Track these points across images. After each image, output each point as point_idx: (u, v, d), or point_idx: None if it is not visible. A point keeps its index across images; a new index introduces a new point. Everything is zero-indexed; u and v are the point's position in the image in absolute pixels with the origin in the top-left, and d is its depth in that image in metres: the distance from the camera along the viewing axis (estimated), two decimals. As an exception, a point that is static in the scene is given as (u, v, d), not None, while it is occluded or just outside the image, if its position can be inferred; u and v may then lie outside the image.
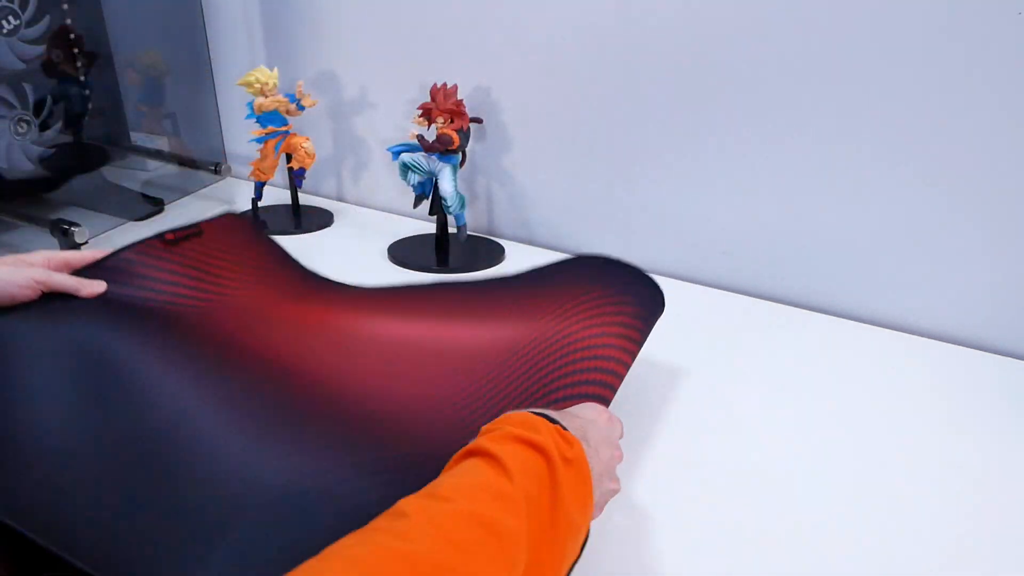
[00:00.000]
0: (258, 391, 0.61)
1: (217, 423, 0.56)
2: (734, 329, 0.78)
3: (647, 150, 0.86)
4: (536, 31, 0.88)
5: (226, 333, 0.71)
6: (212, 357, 0.66)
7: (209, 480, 0.51)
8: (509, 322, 0.68)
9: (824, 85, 0.75)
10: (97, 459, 0.52)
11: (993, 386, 0.69)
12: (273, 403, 0.60)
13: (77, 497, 0.48)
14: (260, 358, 0.67)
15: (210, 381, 0.62)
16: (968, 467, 0.58)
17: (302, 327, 0.73)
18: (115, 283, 0.70)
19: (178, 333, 0.68)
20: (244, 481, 0.50)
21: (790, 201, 0.81)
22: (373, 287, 0.81)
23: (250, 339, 0.71)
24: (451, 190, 0.88)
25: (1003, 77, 0.67)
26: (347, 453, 0.53)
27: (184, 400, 0.59)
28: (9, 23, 0.83)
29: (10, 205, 0.91)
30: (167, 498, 0.49)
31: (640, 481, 0.56)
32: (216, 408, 0.58)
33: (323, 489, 0.49)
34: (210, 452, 0.53)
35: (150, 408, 0.58)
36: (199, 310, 0.74)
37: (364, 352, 0.68)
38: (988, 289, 0.74)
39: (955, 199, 0.73)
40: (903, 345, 0.76)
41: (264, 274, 0.83)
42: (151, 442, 0.54)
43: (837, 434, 0.62)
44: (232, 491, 0.50)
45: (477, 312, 0.71)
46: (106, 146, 1.04)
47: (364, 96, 1.04)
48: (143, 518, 0.47)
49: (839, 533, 0.52)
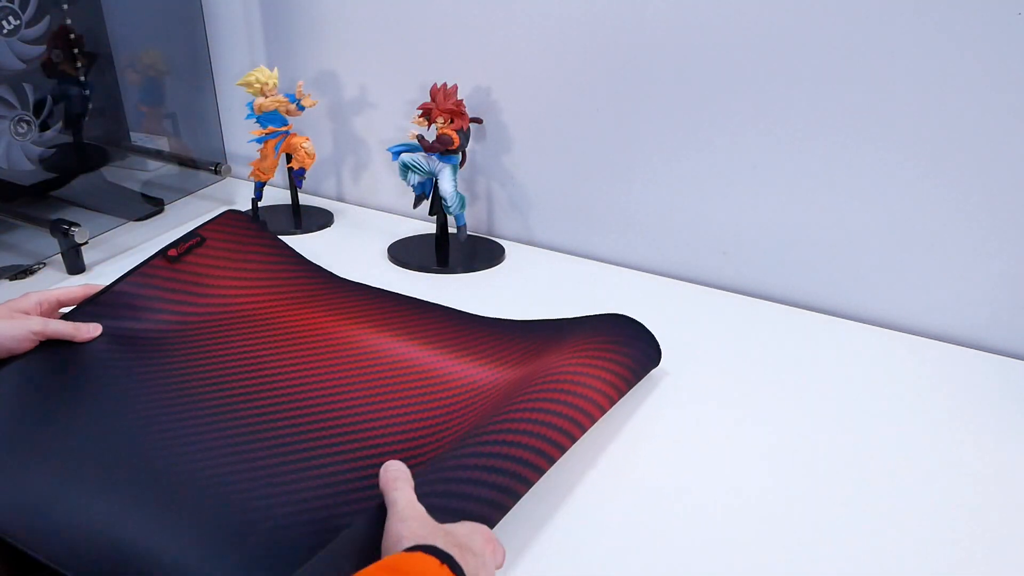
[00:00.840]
0: (264, 409, 0.63)
1: (224, 446, 0.58)
2: (734, 329, 0.78)
3: (647, 150, 0.86)
4: (536, 31, 0.88)
5: (234, 344, 0.71)
6: (218, 374, 0.67)
7: (218, 496, 0.52)
8: (511, 364, 0.68)
9: (824, 85, 0.75)
10: (112, 486, 0.53)
11: (993, 386, 0.69)
12: (279, 424, 0.61)
13: (87, 514, 0.50)
14: (267, 369, 0.68)
15: (215, 401, 0.64)
16: (968, 467, 0.58)
17: (310, 336, 0.74)
18: (116, 317, 0.71)
19: (183, 354, 0.69)
20: (255, 500, 0.52)
21: (790, 201, 0.81)
22: (385, 293, 0.82)
23: (258, 349, 0.71)
24: (451, 190, 0.88)
25: (1004, 77, 0.67)
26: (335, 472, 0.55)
27: (189, 423, 0.61)
28: (9, 23, 0.83)
29: (10, 205, 0.91)
30: (181, 514, 0.51)
31: (637, 480, 0.56)
32: (220, 431, 0.60)
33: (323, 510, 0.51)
34: (217, 476, 0.55)
35: (158, 432, 0.59)
36: (204, 324, 0.74)
37: (370, 368, 0.69)
38: (988, 289, 0.74)
39: (955, 199, 0.73)
40: (903, 345, 0.76)
41: (269, 276, 0.83)
42: (160, 462, 0.56)
43: (837, 434, 0.62)
44: (242, 509, 0.51)
45: (484, 347, 0.71)
46: (106, 146, 1.04)
47: (364, 96, 1.04)
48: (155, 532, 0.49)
49: (839, 533, 0.52)
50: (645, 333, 0.70)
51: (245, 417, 0.61)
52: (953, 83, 0.69)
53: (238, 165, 1.10)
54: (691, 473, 0.58)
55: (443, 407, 0.63)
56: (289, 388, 0.65)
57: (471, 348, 0.71)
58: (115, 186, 1.04)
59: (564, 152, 0.92)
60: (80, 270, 0.87)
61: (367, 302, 0.80)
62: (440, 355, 0.70)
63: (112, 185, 1.04)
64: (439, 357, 0.70)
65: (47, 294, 0.67)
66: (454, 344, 0.72)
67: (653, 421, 0.63)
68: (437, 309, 0.79)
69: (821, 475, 0.57)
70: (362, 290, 0.83)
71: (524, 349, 0.70)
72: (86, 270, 0.88)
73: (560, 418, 0.55)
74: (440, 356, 0.70)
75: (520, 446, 0.52)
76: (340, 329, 0.75)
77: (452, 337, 0.73)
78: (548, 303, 0.80)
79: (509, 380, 0.65)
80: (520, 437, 0.52)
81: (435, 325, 0.75)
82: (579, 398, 0.58)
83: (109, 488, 0.52)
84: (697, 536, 0.52)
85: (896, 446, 0.61)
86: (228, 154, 1.12)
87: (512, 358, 0.69)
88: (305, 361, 0.69)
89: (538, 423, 0.54)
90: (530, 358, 0.68)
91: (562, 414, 0.56)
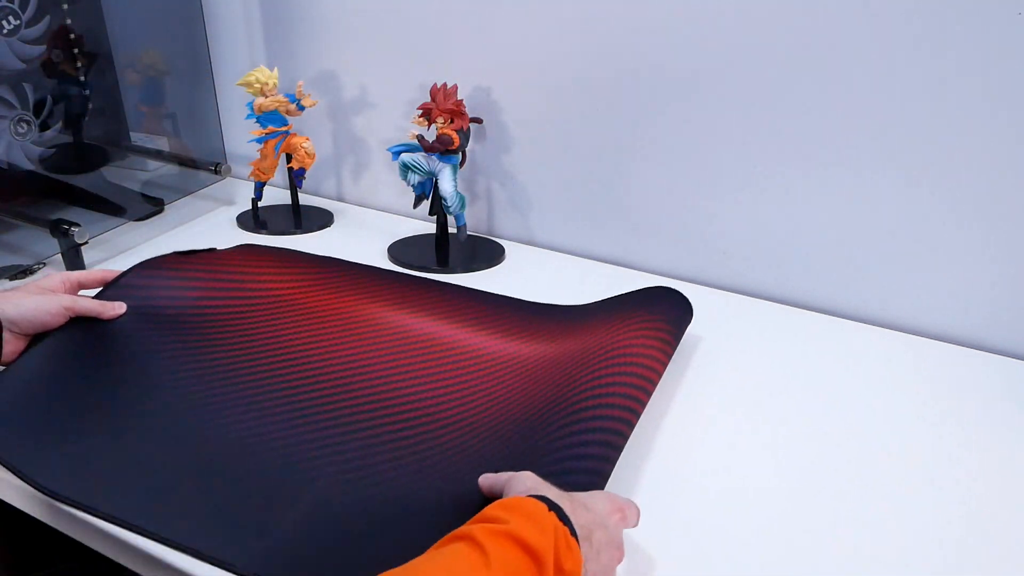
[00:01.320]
0: (293, 381, 0.66)
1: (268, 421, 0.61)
2: (733, 329, 0.78)
3: (647, 150, 0.86)
4: (536, 31, 0.88)
5: (255, 322, 0.74)
6: (242, 347, 0.71)
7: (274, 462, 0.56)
8: (558, 340, 0.72)
9: (825, 85, 0.75)
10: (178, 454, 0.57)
11: (993, 386, 0.69)
12: (309, 393, 0.65)
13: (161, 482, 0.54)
14: (295, 345, 0.71)
15: (245, 371, 0.67)
16: (968, 467, 0.58)
17: (334, 315, 0.77)
18: (142, 298, 0.73)
19: (209, 332, 0.72)
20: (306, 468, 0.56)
21: (790, 201, 0.81)
22: (404, 275, 0.85)
23: (281, 325, 0.74)
24: (451, 190, 0.88)
25: (1004, 77, 0.67)
26: (394, 448, 0.58)
27: (223, 394, 0.64)
28: (9, 23, 0.83)
29: (10, 205, 0.91)
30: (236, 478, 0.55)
31: (642, 482, 0.56)
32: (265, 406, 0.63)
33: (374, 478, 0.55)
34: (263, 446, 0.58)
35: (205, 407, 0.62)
36: (227, 305, 0.76)
37: (395, 343, 0.72)
38: (988, 289, 0.74)
39: (956, 199, 0.73)
40: (903, 345, 0.76)
41: (287, 264, 0.84)
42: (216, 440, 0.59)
43: (837, 434, 0.62)
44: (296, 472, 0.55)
45: (529, 328, 0.75)
46: (106, 146, 1.04)
47: (364, 96, 1.04)
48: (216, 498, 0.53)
49: (839, 533, 0.52)
50: (675, 295, 0.76)
51: (275, 388, 0.65)
52: (953, 83, 0.69)
53: (238, 165, 1.10)
54: (690, 473, 0.58)
55: (464, 376, 0.68)
56: (317, 363, 0.69)
57: (490, 323, 0.75)
58: (115, 186, 1.04)
59: (564, 152, 0.92)
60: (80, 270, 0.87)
61: (392, 286, 0.83)
62: (461, 330, 0.74)
63: (112, 185, 1.03)
64: (460, 331, 0.74)
65: (69, 274, 0.70)
66: (476, 321, 0.76)
67: (652, 422, 0.63)
68: (457, 289, 0.83)
69: (820, 475, 0.57)
70: (386, 275, 0.86)
71: (556, 325, 0.75)
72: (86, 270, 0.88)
73: (632, 388, 0.60)
74: (461, 331, 0.74)
75: (604, 418, 0.56)
76: (364, 309, 0.78)
77: (474, 315, 0.77)
78: (547, 303, 0.80)
79: (539, 355, 0.70)
80: (603, 410, 0.57)
81: (458, 304, 0.79)
82: (642, 368, 0.63)
83: (154, 446, 0.57)
84: (698, 535, 0.51)
85: (896, 446, 0.61)
86: (228, 154, 1.12)
87: (536, 334, 0.73)
88: (332, 338, 0.73)
89: (615, 395, 0.59)
90: (565, 335, 0.72)
91: (632, 384, 0.61)
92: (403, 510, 0.51)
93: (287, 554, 0.47)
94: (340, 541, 0.49)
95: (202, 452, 0.57)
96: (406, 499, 0.52)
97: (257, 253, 0.86)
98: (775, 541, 0.51)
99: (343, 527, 0.50)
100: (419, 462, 0.57)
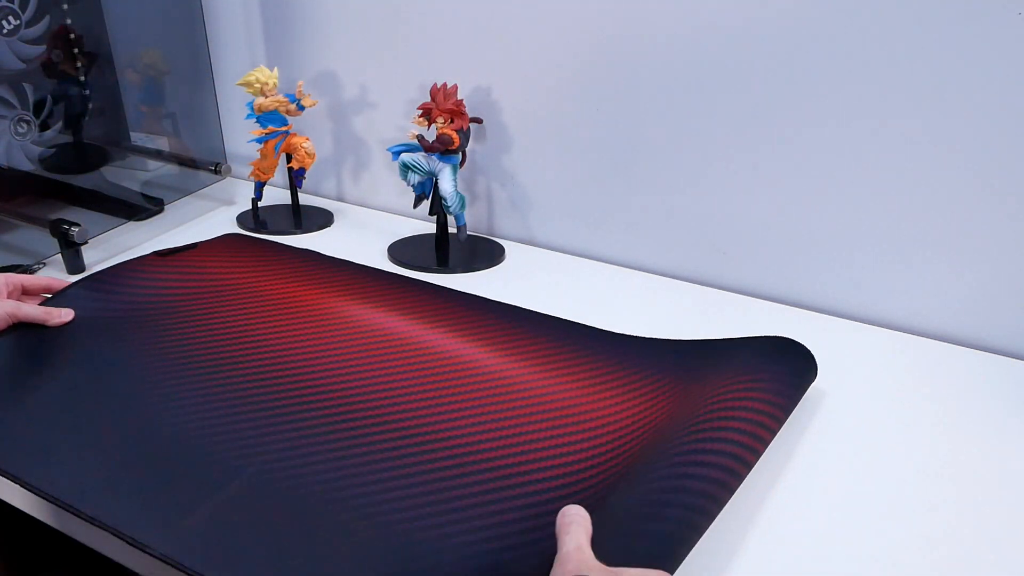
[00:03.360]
0: (257, 381, 0.64)
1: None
2: (733, 329, 0.78)
3: (647, 150, 0.86)
4: (536, 31, 0.88)
5: (224, 320, 0.72)
6: (209, 348, 0.69)
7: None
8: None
9: (825, 85, 0.74)
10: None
11: (993, 386, 0.69)
12: (283, 396, 0.62)
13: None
14: (264, 344, 0.69)
15: (206, 371, 0.65)
16: (968, 467, 0.58)
17: (314, 316, 0.74)
18: (101, 300, 0.72)
19: (172, 333, 0.71)
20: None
21: (790, 201, 0.81)
22: (394, 276, 0.82)
23: (247, 322, 0.72)
24: (451, 190, 0.88)
25: (1004, 77, 0.67)
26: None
27: (190, 397, 0.62)
28: (9, 23, 0.83)
29: (10, 205, 0.91)
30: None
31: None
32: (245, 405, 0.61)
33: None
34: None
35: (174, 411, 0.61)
36: (196, 304, 0.74)
37: (380, 347, 0.69)
38: (988, 289, 0.74)
39: (956, 199, 0.73)
40: (903, 345, 0.76)
41: (264, 262, 0.83)
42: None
43: (837, 433, 0.62)
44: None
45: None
46: (106, 146, 1.04)
47: (364, 96, 1.04)
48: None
49: (838, 533, 0.52)
50: (796, 350, 0.65)
51: (236, 387, 0.63)
52: (953, 83, 0.69)
53: (238, 165, 1.10)
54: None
55: (475, 400, 0.62)
56: (276, 354, 0.67)
57: (505, 340, 0.70)
58: (115, 186, 1.04)
59: (564, 152, 0.92)
60: (80, 270, 0.87)
61: (370, 282, 0.82)
62: (478, 349, 0.69)
63: (112, 185, 1.04)
64: (478, 351, 0.68)
65: (13, 277, 0.68)
66: (491, 337, 0.71)
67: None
68: (482, 302, 0.78)
69: (819, 474, 0.57)
70: (372, 274, 0.84)
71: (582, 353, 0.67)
72: (86, 270, 0.87)
73: (728, 457, 0.51)
74: (478, 350, 0.69)
75: (696, 478, 0.49)
76: (334, 304, 0.75)
77: (493, 332, 0.72)
78: (548, 303, 0.80)
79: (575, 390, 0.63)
80: (695, 469, 0.50)
81: (454, 308, 0.75)
82: (746, 435, 0.54)
83: (91, 424, 0.57)
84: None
85: (895, 446, 0.61)
86: (228, 154, 1.12)
87: (570, 366, 0.66)
88: (291, 331, 0.70)
89: (712, 453, 0.51)
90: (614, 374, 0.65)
91: (730, 452, 0.52)
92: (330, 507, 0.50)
93: (206, 540, 0.47)
94: (262, 533, 0.48)
95: (142, 438, 0.56)
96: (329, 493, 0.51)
97: (234, 247, 0.85)
98: (773, 539, 0.51)
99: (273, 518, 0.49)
100: (365, 463, 0.54)
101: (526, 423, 0.59)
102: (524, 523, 0.49)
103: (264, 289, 0.78)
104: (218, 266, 0.81)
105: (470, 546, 0.47)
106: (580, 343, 0.70)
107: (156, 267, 0.79)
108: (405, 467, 0.54)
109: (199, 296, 0.75)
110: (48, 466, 0.53)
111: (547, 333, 0.72)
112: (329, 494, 0.52)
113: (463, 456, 0.56)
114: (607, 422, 0.60)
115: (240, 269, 0.81)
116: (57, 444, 0.55)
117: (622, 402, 0.62)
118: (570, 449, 0.57)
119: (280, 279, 0.80)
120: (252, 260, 0.83)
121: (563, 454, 0.56)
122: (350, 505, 0.51)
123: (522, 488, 0.53)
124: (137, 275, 0.77)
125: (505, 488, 0.53)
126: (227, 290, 0.76)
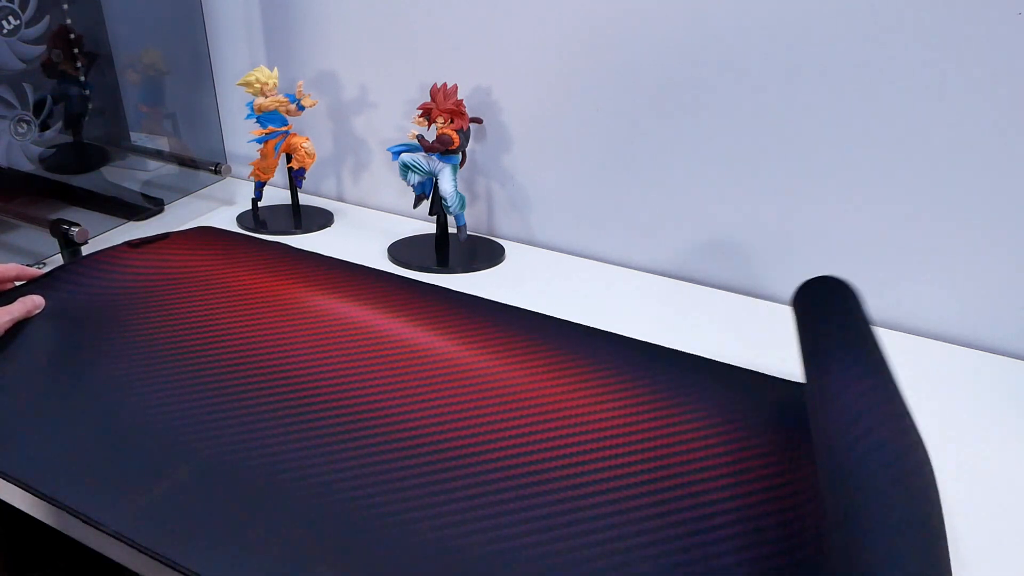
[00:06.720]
0: (237, 374, 0.64)
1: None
2: (733, 329, 0.78)
3: (647, 150, 0.86)
4: (536, 31, 0.88)
5: (201, 311, 0.73)
6: (181, 341, 0.69)
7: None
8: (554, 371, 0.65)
9: (825, 85, 0.75)
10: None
11: (993, 386, 0.69)
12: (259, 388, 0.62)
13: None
14: (237, 337, 0.69)
15: (182, 364, 0.65)
16: (968, 467, 0.58)
17: (289, 310, 0.74)
18: (75, 289, 0.73)
19: (149, 322, 0.71)
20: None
21: (790, 202, 0.81)
22: (385, 274, 0.81)
23: (219, 314, 0.73)
24: (451, 190, 0.88)
25: (1003, 77, 0.67)
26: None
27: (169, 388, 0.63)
28: (9, 23, 0.83)
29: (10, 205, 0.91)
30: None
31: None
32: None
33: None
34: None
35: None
36: (168, 295, 0.75)
37: (357, 340, 0.68)
38: (988, 289, 0.74)
39: (956, 199, 0.73)
40: (903, 345, 0.76)
41: (240, 256, 0.83)
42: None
43: (837, 434, 0.62)
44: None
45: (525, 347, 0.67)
46: (106, 146, 1.04)
47: (364, 96, 1.04)
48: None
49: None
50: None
51: (198, 374, 0.64)
52: (953, 83, 0.69)
53: (238, 165, 1.10)
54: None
55: (467, 398, 0.61)
56: (245, 343, 0.68)
57: (501, 344, 0.69)
58: (115, 186, 1.04)
59: (564, 152, 0.92)
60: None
61: (368, 285, 0.81)
62: (476, 349, 0.68)
63: (112, 185, 1.04)
64: (465, 351, 0.68)
65: None
66: (484, 339, 0.70)
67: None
68: (481, 303, 0.77)
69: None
70: (364, 273, 0.84)
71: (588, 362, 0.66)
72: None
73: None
74: (476, 350, 0.68)
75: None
76: (310, 298, 0.76)
77: (489, 333, 0.71)
78: (548, 303, 0.80)
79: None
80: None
81: (476, 320, 0.74)
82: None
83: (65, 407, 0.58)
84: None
85: (896, 446, 0.60)
86: (228, 154, 1.12)
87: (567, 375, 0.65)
88: (264, 323, 0.71)
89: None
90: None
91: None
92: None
93: (158, 518, 0.48)
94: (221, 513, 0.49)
95: (102, 423, 0.57)
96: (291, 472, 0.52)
97: (206, 239, 0.85)
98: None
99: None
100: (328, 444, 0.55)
101: (516, 421, 0.59)
102: (521, 527, 0.49)
103: (232, 281, 0.78)
104: (188, 257, 0.81)
105: (426, 532, 0.48)
106: (579, 344, 0.70)
107: (127, 257, 0.80)
108: (368, 454, 0.55)
109: (168, 286, 0.76)
110: (9, 450, 0.54)
111: (547, 334, 0.71)
112: (280, 475, 0.53)
113: (421, 446, 0.56)
114: (602, 419, 0.60)
115: (210, 261, 0.81)
116: (21, 428, 0.57)
117: (617, 402, 0.62)
118: (573, 450, 0.56)
119: (248, 272, 0.80)
120: (222, 252, 0.84)
121: (567, 455, 0.56)
122: (305, 484, 0.52)
123: (480, 479, 0.53)
124: (108, 265, 0.77)
125: (455, 475, 0.53)
126: (196, 281, 0.77)
